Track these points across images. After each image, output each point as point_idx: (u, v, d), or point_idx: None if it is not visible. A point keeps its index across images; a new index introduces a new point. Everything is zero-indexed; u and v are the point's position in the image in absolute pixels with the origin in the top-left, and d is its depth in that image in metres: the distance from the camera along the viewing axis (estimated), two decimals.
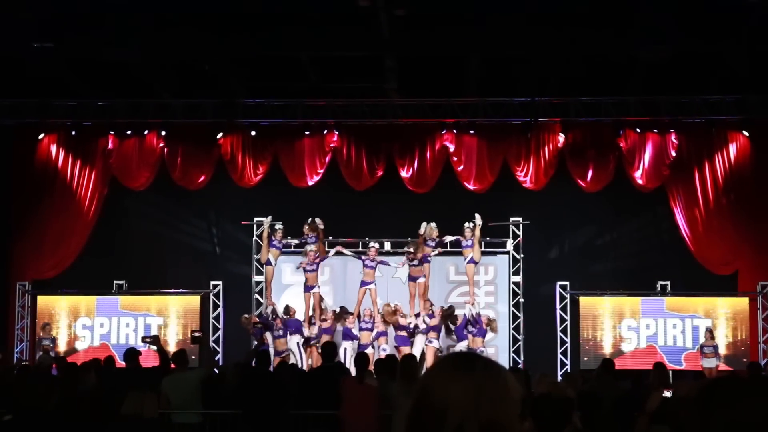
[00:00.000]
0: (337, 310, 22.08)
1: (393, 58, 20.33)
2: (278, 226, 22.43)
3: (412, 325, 21.39)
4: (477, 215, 21.92)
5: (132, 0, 17.70)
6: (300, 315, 22.00)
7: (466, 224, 22.01)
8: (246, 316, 22.26)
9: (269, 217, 22.39)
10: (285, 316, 21.70)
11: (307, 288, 22.05)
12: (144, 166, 23.96)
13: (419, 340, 21.24)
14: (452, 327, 21.66)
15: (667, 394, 9.75)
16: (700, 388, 2.57)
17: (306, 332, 21.57)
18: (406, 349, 20.16)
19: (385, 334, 21.38)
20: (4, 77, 21.67)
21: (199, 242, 24.93)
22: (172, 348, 21.11)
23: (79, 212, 24.03)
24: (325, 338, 20.82)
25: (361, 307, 21.83)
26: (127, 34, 18.91)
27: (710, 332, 22.22)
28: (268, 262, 22.40)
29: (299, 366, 19.81)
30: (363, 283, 22.02)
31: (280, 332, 21.44)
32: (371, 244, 22.30)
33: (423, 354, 20.23)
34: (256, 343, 20.95)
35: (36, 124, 23.68)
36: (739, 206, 23.28)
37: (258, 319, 22.06)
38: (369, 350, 20.48)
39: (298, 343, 21.28)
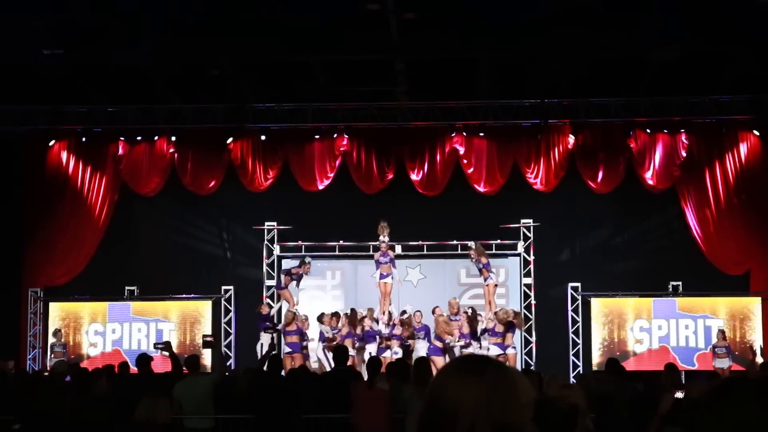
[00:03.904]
0: (348, 312, 22.10)
1: (402, 61, 20.34)
2: (308, 259, 22.50)
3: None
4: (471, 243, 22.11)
5: (141, 6, 17.73)
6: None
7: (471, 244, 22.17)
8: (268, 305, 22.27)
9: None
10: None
11: (382, 276, 22.15)
12: (154, 172, 24.00)
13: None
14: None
15: (680, 395, 9.72)
16: (711, 389, 2.57)
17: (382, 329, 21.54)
18: (438, 360, 19.82)
19: (399, 337, 21.31)
20: (16, 84, 21.74)
21: (209, 247, 24.95)
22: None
23: (90, 218, 24.07)
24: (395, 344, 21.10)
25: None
26: (137, 40, 18.94)
27: (722, 333, 22.16)
28: (281, 286, 22.45)
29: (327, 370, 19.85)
30: (382, 276, 22.00)
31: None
32: (381, 237, 22.18)
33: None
34: (267, 348, 20.95)
35: (47, 131, 23.73)
36: (750, 206, 23.23)
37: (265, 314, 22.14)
38: (387, 353, 20.51)
39: (324, 349, 21.27)
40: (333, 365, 20.26)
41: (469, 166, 23.58)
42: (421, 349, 20.84)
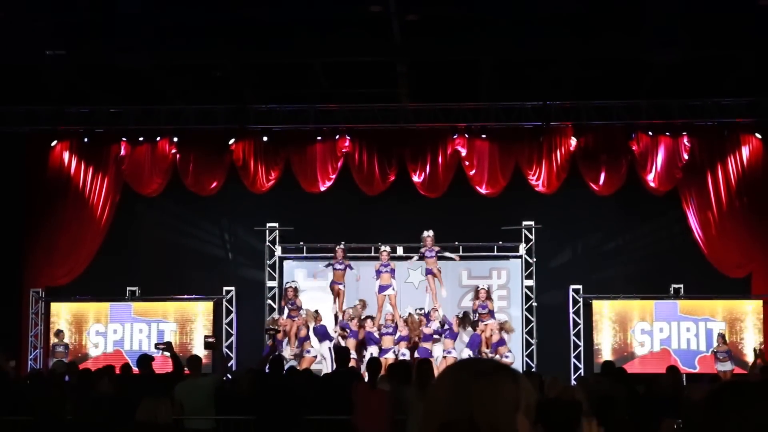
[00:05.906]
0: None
1: (404, 62, 20.35)
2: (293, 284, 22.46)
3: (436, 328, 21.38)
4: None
5: (144, 7, 17.73)
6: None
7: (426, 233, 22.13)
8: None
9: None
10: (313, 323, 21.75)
11: (382, 288, 22.08)
12: (156, 173, 24.00)
13: (437, 351, 21.20)
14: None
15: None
16: (711, 392, 2.57)
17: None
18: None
19: (407, 339, 21.30)
20: (18, 85, 21.75)
21: (211, 248, 24.94)
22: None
23: (92, 219, 24.07)
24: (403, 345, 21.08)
25: (381, 311, 21.87)
26: (140, 41, 18.94)
27: (722, 338, 22.13)
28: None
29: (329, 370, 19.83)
30: (381, 288, 21.96)
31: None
32: (382, 247, 22.28)
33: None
34: (269, 348, 20.95)
35: (49, 131, 23.72)
36: (752, 208, 23.22)
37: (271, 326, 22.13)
38: (390, 355, 20.52)
39: (329, 348, 21.22)
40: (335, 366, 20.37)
41: (470, 168, 23.58)
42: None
